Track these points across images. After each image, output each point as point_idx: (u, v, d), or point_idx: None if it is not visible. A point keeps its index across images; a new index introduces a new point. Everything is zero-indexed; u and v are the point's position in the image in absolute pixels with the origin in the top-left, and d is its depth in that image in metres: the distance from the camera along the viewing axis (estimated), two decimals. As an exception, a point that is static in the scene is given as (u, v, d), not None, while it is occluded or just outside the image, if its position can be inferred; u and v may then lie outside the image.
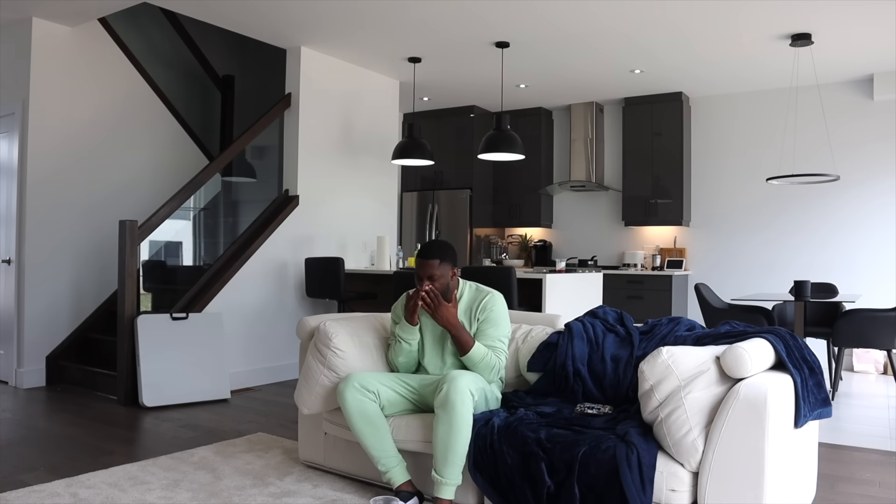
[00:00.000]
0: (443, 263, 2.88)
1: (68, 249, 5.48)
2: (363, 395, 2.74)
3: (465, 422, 2.55)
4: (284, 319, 5.82)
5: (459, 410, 2.53)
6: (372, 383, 2.78)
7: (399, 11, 5.08)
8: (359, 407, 2.72)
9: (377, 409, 2.76)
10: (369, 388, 2.76)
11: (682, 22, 5.21)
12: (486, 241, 8.33)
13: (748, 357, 2.28)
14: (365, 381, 2.77)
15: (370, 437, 2.72)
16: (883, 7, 4.81)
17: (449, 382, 2.58)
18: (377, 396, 2.77)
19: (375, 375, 2.84)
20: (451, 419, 2.53)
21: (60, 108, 5.44)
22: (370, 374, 2.85)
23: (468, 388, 2.57)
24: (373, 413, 2.74)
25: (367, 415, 2.73)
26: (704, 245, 7.46)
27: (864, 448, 3.79)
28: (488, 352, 2.88)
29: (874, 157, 6.60)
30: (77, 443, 3.73)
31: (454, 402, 2.53)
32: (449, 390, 2.55)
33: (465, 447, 2.56)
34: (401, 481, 2.73)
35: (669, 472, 2.29)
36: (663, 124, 7.35)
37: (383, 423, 2.75)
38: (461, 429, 2.54)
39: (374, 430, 2.72)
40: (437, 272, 2.88)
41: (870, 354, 6.30)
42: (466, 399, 2.55)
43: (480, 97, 7.69)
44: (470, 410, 2.57)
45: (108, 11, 5.21)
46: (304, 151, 5.99)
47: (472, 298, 3.00)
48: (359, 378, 2.78)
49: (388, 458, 2.73)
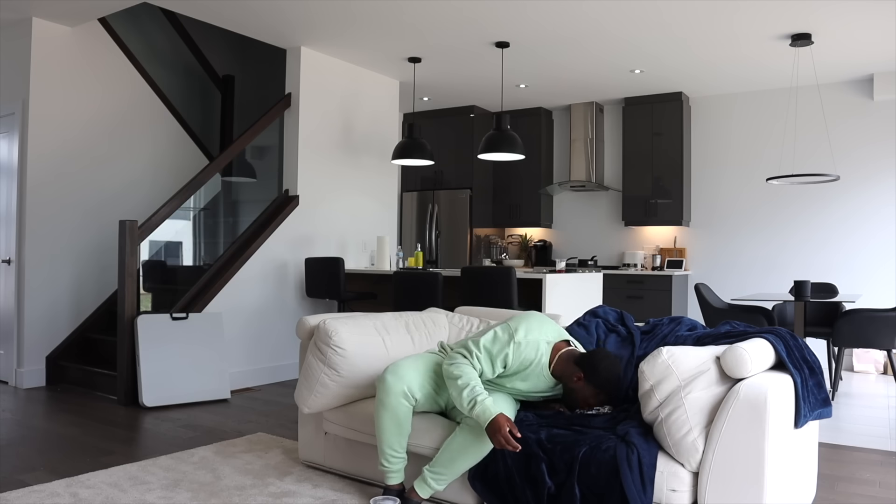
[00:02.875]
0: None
1: (68, 249, 5.48)
2: (407, 399, 2.68)
3: (484, 451, 2.54)
4: (284, 319, 5.81)
5: (487, 441, 2.52)
6: (417, 391, 2.69)
7: (399, 11, 5.07)
8: (395, 408, 2.66)
9: (410, 414, 2.71)
10: (415, 395, 2.69)
11: (681, 22, 5.21)
12: (486, 241, 8.33)
13: (748, 357, 2.28)
14: (413, 388, 2.68)
15: (392, 435, 2.68)
16: (883, 7, 4.81)
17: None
18: (416, 402, 2.73)
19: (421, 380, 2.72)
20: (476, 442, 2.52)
21: (60, 108, 5.44)
22: (419, 375, 2.72)
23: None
24: (405, 416, 2.69)
25: (399, 417, 2.68)
26: (704, 245, 7.46)
27: (864, 448, 3.79)
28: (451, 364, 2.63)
29: (874, 157, 6.60)
30: (77, 443, 3.73)
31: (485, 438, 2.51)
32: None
33: (468, 468, 2.57)
34: (396, 482, 2.72)
35: (670, 472, 2.29)
36: (663, 124, 7.35)
37: (408, 427, 2.71)
38: (478, 454, 2.54)
39: (399, 431, 2.68)
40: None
41: (870, 354, 6.30)
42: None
43: (480, 97, 7.69)
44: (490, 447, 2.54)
45: (108, 11, 5.21)
46: (304, 151, 5.99)
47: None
48: (408, 381, 2.67)
49: (397, 458, 2.70)
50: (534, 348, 2.67)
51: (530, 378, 2.71)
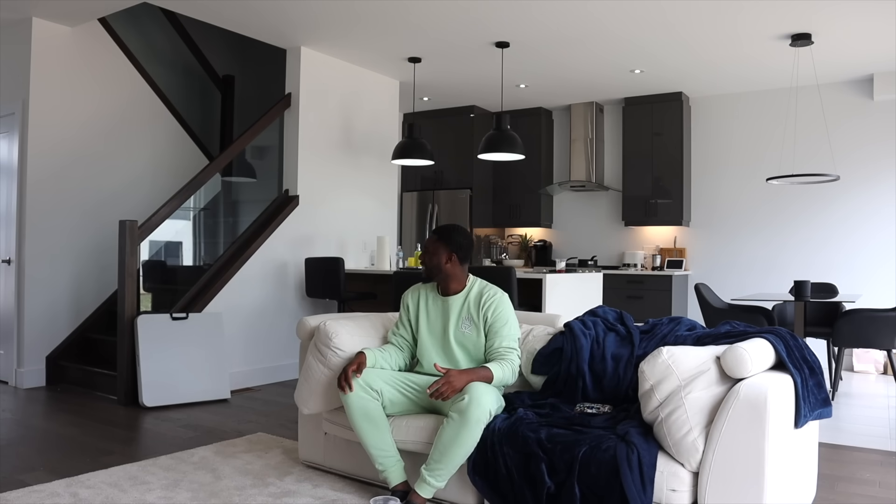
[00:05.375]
0: (439, 242, 2.92)
1: (68, 249, 5.48)
2: (367, 392, 2.74)
3: (474, 438, 2.54)
4: (284, 319, 5.81)
5: (474, 427, 2.53)
6: (376, 381, 2.78)
7: (399, 11, 5.07)
8: (361, 404, 2.72)
9: (379, 408, 2.75)
10: (373, 385, 2.76)
11: (681, 22, 5.21)
12: (486, 241, 8.33)
13: (748, 357, 2.28)
14: (370, 379, 2.76)
15: (370, 434, 2.72)
16: (883, 7, 4.81)
17: (474, 396, 2.54)
18: (380, 395, 2.77)
19: (380, 374, 2.83)
20: (463, 430, 2.52)
21: (60, 108, 5.44)
22: (375, 371, 2.83)
23: (489, 409, 2.57)
24: (374, 412, 2.73)
25: (369, 413, 2.72)
26: (704, 245, 7.45)
27: (864, 448, 3.79)
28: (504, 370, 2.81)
29: (874, 157, 6.60)
30: (77, 443, 3.73)
31: (472, 417, 2.52)
32: (471, 404, 2.52)
33: (462, 458, 2.57)
34: (397, 481, 2.73)
35: (670, 471, 2.29)
36: (663, 124, 7.35)
37: (384, 422, 2.74)
38: (468, 442, 2.54)
39: (375, 428, 2.72)
40: (430, 247, 2.94)
41: (870, 354, 6.29)
42: (484, 417, 2.55)
43: (480, 97, 7.69)
44: (482, 428, 2.55)
45: (108, 11, 5.21)
46: (304, 151, 5.99)
47: (479, 292, 2.96)
48: (364, 375, 2.77)
49: (387, 457, 2.73)
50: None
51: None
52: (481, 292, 2.95)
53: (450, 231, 2.95)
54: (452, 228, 2.97)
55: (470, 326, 2.92)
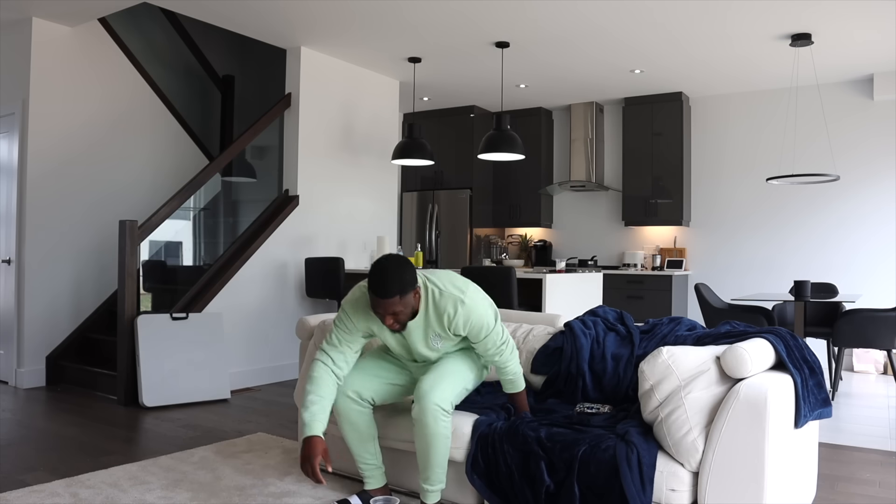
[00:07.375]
0: (404, 297, 2.42)
1: (68, 249, 5.48)
2: (357, 404, 2.68)
3: (440, 434, 2.53)
4: (284, 319, 5.81)
5: (432, 427, 2.51)
6: (367, 391, 2.68)
7: (399, 11, 5.07)
8: (348, 416, 2.68)
9: (366, 418, 2.70)
10: (364, 395, 2.68)
11: (681, 22, 5.21)
12: (486, 241, 8.33)
13: (748, 357, 2.28)
14: (360, 389, 2.67)
15: (353, 442, 2.72)
16: (883, 7, 4.81)
17: (419, 400, 2.52)
18: (372, 403, 2.73)
19: (371, 379, 2.72)
20: (426, 434, 2.52)
21: (60, 108, 5.44)
22: (367, 377, 2.71)
23: (438, 406, 2.50)
24: (361, 422, 2.69)
25: (354, 423, 2.69)
26: (704, 245, 7.46)
27: (864, 448, 3.79)
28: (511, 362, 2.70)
29: (874, 157, 6.60)
30: (77, 443, 3.73)
31: (425, 422, 2.51)
32: (419, 410, 2.51)
33: (444, 455, 2.56)
34: (375, 486, 2.75)
35: (669, 471, 2.29)
36: (663, 124, 7.35)
37: (369, 432, 2.71)
38: (437, 441, 2.53)
39: (359, 437, 2.70)
40: (400, 308, 2.43)
41: (870, 354, 6.30)
42: (437, 415, 2.51)
43: (480, 97, 7.69)
44: (443, 422, 2.53)
45: (108, 11, 5.21)
46: (304, 151, 5.99)
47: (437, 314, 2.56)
48: (354, 385, 2.67)
49: (367, 465, 2.74)
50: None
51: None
52: (439, 314, 2.56)
53: (400, 277, 2.41)
54: (398, 273, 2.41)
55: (441, 339, 2.63)
